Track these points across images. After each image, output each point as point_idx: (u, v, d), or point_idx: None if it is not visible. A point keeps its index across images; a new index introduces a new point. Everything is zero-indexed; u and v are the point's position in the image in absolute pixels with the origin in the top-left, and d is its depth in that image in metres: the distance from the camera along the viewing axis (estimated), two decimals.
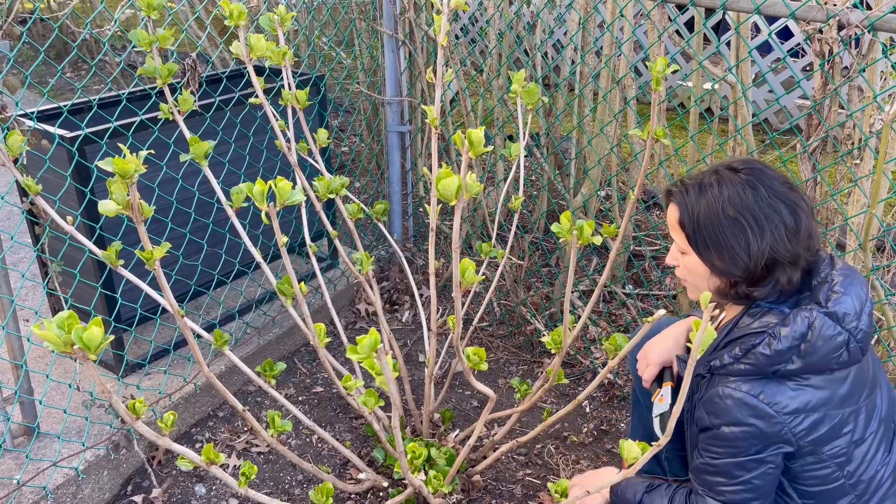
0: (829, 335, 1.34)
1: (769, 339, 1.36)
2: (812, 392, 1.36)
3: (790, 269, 1.38)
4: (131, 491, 2.14)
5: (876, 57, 1.96)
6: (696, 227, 1.41)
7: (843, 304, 1.36)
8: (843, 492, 1.41)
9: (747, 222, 1.37)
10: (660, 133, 1.67)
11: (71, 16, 4.90)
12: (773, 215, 1.37)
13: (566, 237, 1.59)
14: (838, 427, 1.38)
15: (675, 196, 1.46)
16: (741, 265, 1.38)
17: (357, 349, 1.24)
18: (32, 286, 2.77)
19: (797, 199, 1.40)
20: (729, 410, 1.38)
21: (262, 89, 1.85)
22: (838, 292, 1.37)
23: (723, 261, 1.39)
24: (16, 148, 1.52)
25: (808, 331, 1.34)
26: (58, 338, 1.13)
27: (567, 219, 1.58)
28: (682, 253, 1.47)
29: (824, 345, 1.33)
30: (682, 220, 1.44)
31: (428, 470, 2.05)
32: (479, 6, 4.57)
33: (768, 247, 1.36)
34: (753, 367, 1.37)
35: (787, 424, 1.35)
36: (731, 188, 1.39)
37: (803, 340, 1.34)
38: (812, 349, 1.33)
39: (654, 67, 1.60)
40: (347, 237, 3.31)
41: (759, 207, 1.37)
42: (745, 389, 1.37)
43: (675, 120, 2.89)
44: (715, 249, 1.40)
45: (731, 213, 1.38)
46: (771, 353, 1.35)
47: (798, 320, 1.35)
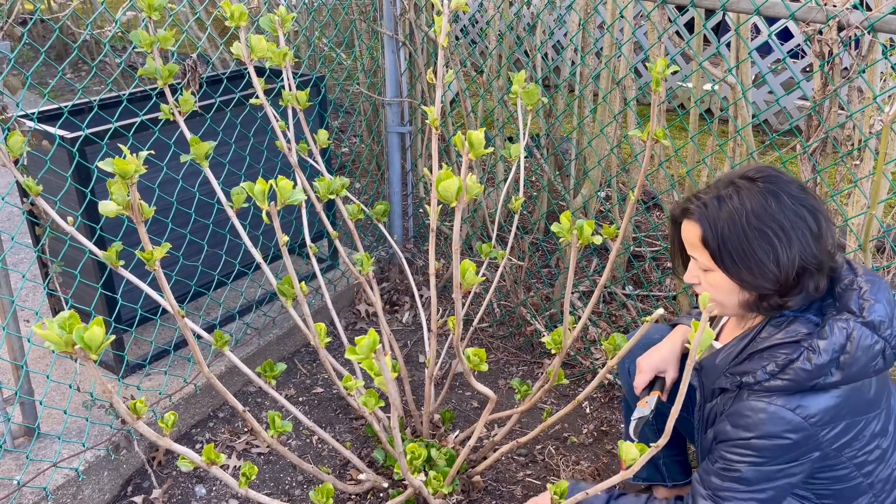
0: (868, 345, 1.30)
1: (808, 353, 1.31)
2: (843, 400, 1.33)
3: (818, 276, 1.34)
4: (131, 491, 2.14)
5: (876, 58, 1.96)
6: (722, 244, 1.35)
7: (877, 311, 1.32)
8: (860, 491, 1.40)
9: (774, 233, 1.32)
10: (659, 134, 1.67)
11: (71, 17, 4.91)
12: (798, 222, 1.33)
13: (566, 237, 1.59)
14: (862, 430, 1.36)
15: (695, 212, 1.39)
16: (772, 277, 1.33)
17: (356, 350, 1.24)
18: (33, 287, 2.77)
19: (816, 203, 1.37)
20: (762, 424, 1.33)
21: (262, 90, 1.86)
22: (870, 300, 1.33)
23: (752, 275, 1.34)
24: (16, 149, 1.52)
25: (846, 342, 1.30)
26: (59, 338, 1.14)
27: (567, 219, 1.58)
28: (705, 270, 1.40)
29: (863, 355, 1.30)
30: (706, 237, 1.37)
31: (428, 471, 2.05)
32: (480, 7, 4.57)
33: (797, 255, 1.32)
34: (792, 383, 1.31)
35: (819, 434, 1.32)
36: (752, 199, 1.34)
37: (843, 352, 1.30)
38: (852, 360, 1.30)
39: (654, 68, 1.60)
40: (348, 238, 3.31)
41: (784, 216, 1.33)
42: (780, 403, 1.32)
43: (675, 121, 2.89)
44: (743, 264, 1.34)
45: (756, 225, 1.33)
46: (812, 368, 1.30)
47: (836, 331, 1.31)
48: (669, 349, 1.72)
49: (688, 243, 1.43)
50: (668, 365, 1.71)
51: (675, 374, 1.71)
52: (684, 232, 1.43)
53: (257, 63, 2.68)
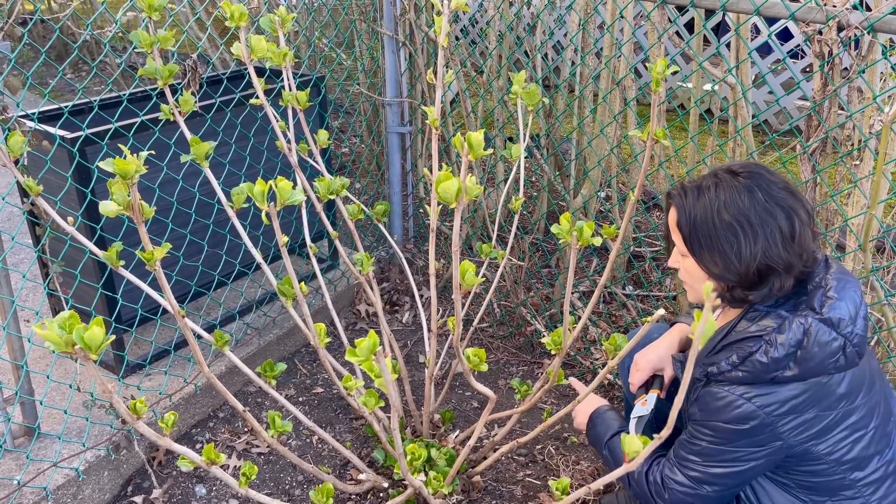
0: (825, 341, 1.33)
1: (766, 346, 1.36)
2: (805, 393, 1.36)
3: (784, 276, 1.37)
4: (132, 491, 2.14)
5: (875, 58, 1.96)
6: (692, 231, 1.42)
7: (837, 309, 1.36)
8: (843, 485, 1.42)
9: (741, 227, 1.36)
10: (659, 134, 1.67)
11: (72, 17, 4.91)
12: (768, 220, 1.36)
13: (566, 238, 1.59)
14: (833, 426, 1.38)
15: (674, 199, 1.47)
16: (734, 270, 1.38)
17: (356, 352, 1.24)
18: (33, 287, 2.77)
19: (796, 205, 1.39)
20: (722, 410, 1.40)
21: (262, 90, 1.86)
22: (832, 297, 1.37)
23: (716, 265, 1.40)
24: (17, 149, 1.52)
25: (803, 337, 1.34)
26: (59, 338, 1.14)
27: (567, 220, 1.58)
28: (683, 256, 1.47)
29: (820, 351, 1.33)
30: (680, 222, 1.44)
31: (428, 471, 2.05)
32: (480, 7, 4.57)
33: (761, 252, 1.36)
34: (750, 375, 1.37)
35: (777, 424, 1.36)
36: (727, 192, 1.39)
37: (799, 347, 1.34)
38: (808, 355, 1.34)
39: (654, 69, 1.60)
40: (348, 238, 3.31)
41: (754, 212, 1.37)
42: (739, 392, 1.38)
43: (675, 121, 2.89)
44: (709, 253, 1.40)
45: (725, 218, 1.38)
46: (768, 361, 1.35)
47: (794, 327, 1.35)
48: (667, 347, 1.73)
49: (670, 227, 1.50)
50: (666, 363, 1.72)
51: (673, 371, 1.71)
52: (669, 217, 1.50)
53: (257, 63, 2.68)
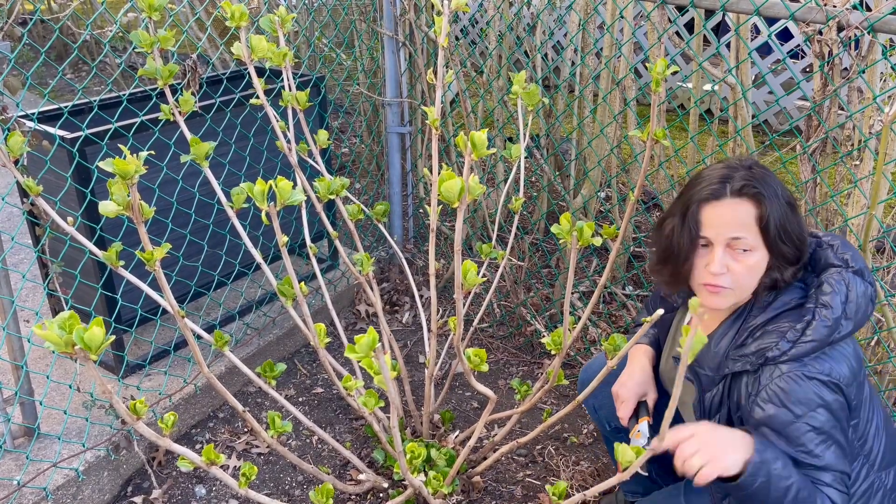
0: (863, 290, 1.38)
1: (821, 310, 1.35)
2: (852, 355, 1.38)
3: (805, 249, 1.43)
4: (131, 492, 2.14)
5: (876, 58, 1.96)
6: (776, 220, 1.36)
7: (858, 260, 1.40)
8: (854, 454, 1.43)
9: (796, 208, 1.41)
10: (659, 134, 1.67)
11: (71, 17, 4.91)
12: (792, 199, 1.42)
13: (566, 238, 1.59)
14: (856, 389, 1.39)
15: (745, 190, 1.37)
16: (799, 251, 1.40)
17: (355, 348, 1.24)
18: (33, 287, 2.77)
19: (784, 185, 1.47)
20: (811, 396, 1.32)
21: (262, 90, 1.86)
22: (847, 252, 1.41)
23: (794, 247, 1.39)
24: (16, 149, 1.52)
25: (847, 290, 1.37)
26: (59, 338, 1.14)
27: (567, 220, 1.58)
28: (746, 251, 1.37)
29: (863, 300, 1.37)
30: (763, 215, 1.35)
31: (428, 471, 2.05)
32: (480, 8, 4.57)
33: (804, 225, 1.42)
34: (817, 342, 1.33)
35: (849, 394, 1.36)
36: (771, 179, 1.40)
37: (847, 301, 1.36)
38: (856, 307, 1.36)
39: (654, 69, 1.60)
40: (348, 238, 3.31)
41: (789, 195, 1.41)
42: (815, 370, 1.33)
43: (675, 121, 2.89)
44: (787, 238, 1.38)
45: (789, 200, 1.40)
46: (831, 324, 1.34)
47: (836, 285, 1.37)
48: (641, 371, 1.69)
49: (733, 223, 1.37)
50: (648, 387, 1.69)
51: (655, 393, 1.70)
52: (726, 213, 1.38)
53: (257, 63, 2.68)
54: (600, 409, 1.89)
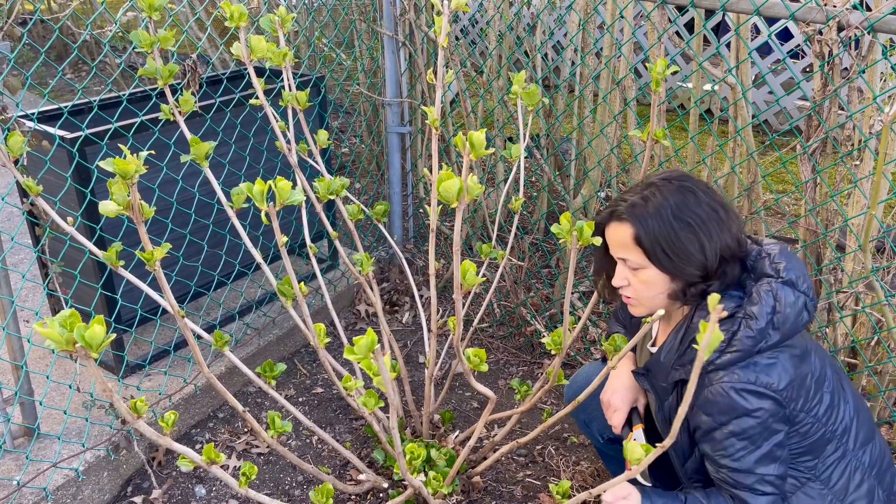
0: (792, 301, 1.40)
1: (746, 321, 1.40)
2: (786, 361, 1.41)
3: (733, 263, 1.45)
4: (131, 492, 2.14)
5: (876, 58, 1.96)
6: (654, 238, 1.43)
7: (791, 269, 1.43)
8: (826, 439, 1.47)
9: (696, 223, 1.42)
10: (659, 134, 1.67)
11: (71, 17, 4.91)
12: (712, 215, 1.44)
13: (566, 238, 1.59)
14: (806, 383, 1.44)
15: (624, 212, 1.47)
16: (698, 264, 1.43)
17: (354, 350, 1.24)
18: (33, 287, 2.77)
19: (721, 199, 1.49)
20: (735, 405, 1.39)
21: (262, 90, 1.86)
22: (782, 262, 1.44)
23: (683, 263, 1.43)
24: (16, 149, 1.52)
25: (775, 302, 1.40)
26: (60, 336, 1.13)
27: (567, 220, 1.58)
28: (636, 269, 1.48)
29: (791, 311, 1.40)
30: (638, 234, 1.45)
31: (428, 471, 2.05)
32: (480, 8, 4.57)
33: (717, 244, 1.43)
34: (741, 353, 1.39)
35: (784, 399, 1.40)
36: (672, 196, 1.45)
37: (774, 312, 1.39)
38: (784, 318, 1.39)
39: (654, 69, 1.60)
40: (348, 238, 3.31)
41: (701, 209, 1.43)
42: (740, 380, 1.39)
43: (675, 121, 2.89)
44: (674, 255, 1.43)
45: (681, 217, 1.43)
46: (754, 334, 1.38)
47: (763, 295, 1.41)
48: (627, 377, 1.71)
49: (618, 244, 1.50)
50: (638, 392, 1.71)
51: (645, 398, 1.72)
52: (613, 234, 1.51)
53: (257, 63, 2.68)
54: (591, 422, 1.91)
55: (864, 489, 1.50)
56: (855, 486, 1.49)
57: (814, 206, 2.08)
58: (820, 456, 1.48)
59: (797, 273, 1.43)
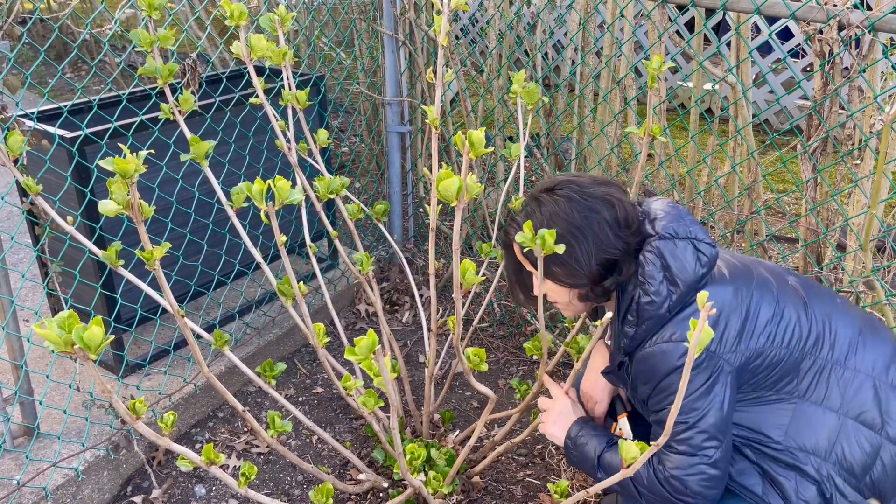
0: (676, 250, 1.40)
1: (641, 289, 1.40)
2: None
3: (625, 259, 1.44)
4: (131, 491, 2.14)
5: (876, 57, 1.96)
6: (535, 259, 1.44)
7: (663, 220, 1.43)
8: (799, 357, 1.44)
9: (569, 233, 1.42)
10: (656, 130, 1.66)
11: (71, 16, 4.90)
12: (592, 217, 1.42)
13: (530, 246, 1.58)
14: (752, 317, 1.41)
15: (512, 233, 1.49)
16: (580, 274, 1.44)
17: (355, 350, 1.24)
18: (32, 286, 2.77)
19: (611, 190, 1.46)
20: (657, 365, 1.40)
21: (262, 89, 1.85)
22: (657, 216, 1.45)
23: (565, 275, 1.45)
24: (16, 148, 1.52)
25: (661, 259, 1.40)
26: (58, 337, 1.13)
27: (529, 229, 1.58)
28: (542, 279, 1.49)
29: (681, 260, 1.39)
30: (526, 256, 1.48)
31: (428, 471, 2.05)
32: (480, 7, 4.57)
33: (595, 249, 1.42)
34: (651, 321, 1.40)
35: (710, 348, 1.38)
36: (548, 207, 1.45)
37: (666, 269, 1.39)
38: (678, 270, 1.38)
39: (650, 65, 1.60)
40: (347, 237, 3.31)
41: (578, 215, 1.42)
42: (660, 340, 1.39)
43: (675, 120, 2.89)
44: (557, 269, 1.45)
45: (561, 230, 1.42)
46: (652, 297, 1.39)
47: (649, 258, 1.41)
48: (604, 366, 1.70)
49: (521, 262, 1.53)
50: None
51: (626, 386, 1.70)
52: (517, 251, 1.53)
53: (257, 62, 2.68)
54: None
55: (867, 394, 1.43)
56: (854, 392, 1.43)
57: (814, 205, 2.08)
58: (798, 376, 1.44)
59: (673, 221, 1.43)
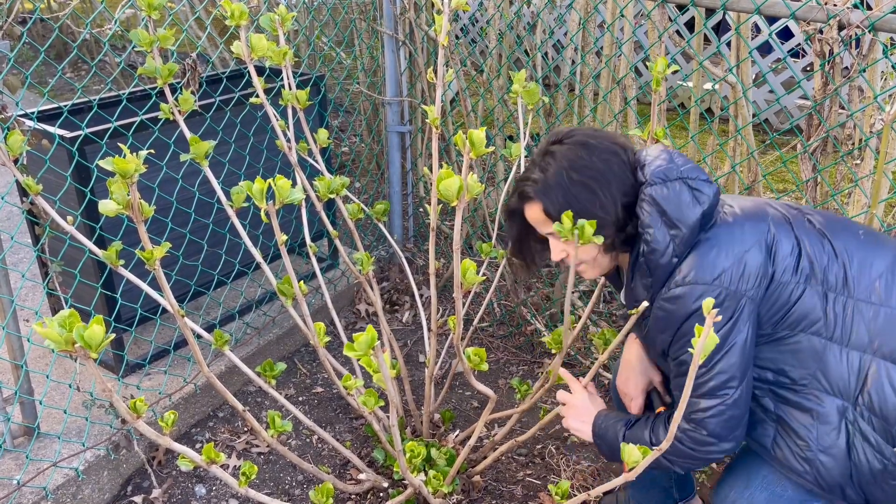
0: (669, 194, 1.36)
1: (643, 240, 1.38)
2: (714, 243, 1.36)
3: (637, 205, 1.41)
4: (131, 491, 2.14)
5: (876, 57, 1.96)
6: (559, 208, 1.40)
7: (651, 167, 1.40)
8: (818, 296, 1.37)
9: (592, 178, 1.40)
10: (659, 133, 1.66)
11: (71, 16, 4.90)
12: (612, 160, 1.41)
13: (567, 237, 1.58)
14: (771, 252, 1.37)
15: (530, 191, 1.45)
16: (608, 221, 1.40)
17: (354, 347, 1.23)
18: (32, 286, 2.77)
19: (613, 135, 1.47)
20: (674, 312, 1.37)
21: (262, 89, 1.85)
22: (644, 163, 1.42)
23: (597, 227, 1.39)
24: (16, 148, 1.52)
25: (655, 205, 1.37)
26: (59, 336, 1.13)
27: (568, 218, 1.58)
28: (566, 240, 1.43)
29: (675, 202, 1.36)
30: (548, 211, 1.43)
31: (428, 470, 2.05)
32: (480, 6, 4.57)
33: (617, 193, 1.40)
34: (659, 269, 1.37)
35: (726, 282, 1.33)
36: (564, 156, 1.42)
37: (663, 215, 1.36)
38: (675, 213, 1.35)
39: (655, 68, 1.60)
40: (348, 237, 3.31)
41: (598, 159, 1.41)
42: (674, 285, 1.36)
43: (675, 120, 2.89)
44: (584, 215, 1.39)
45: (576, 179, 1.40)
46: (655, 247, 1.36)
47: (644, 208, 1.38)
48: (639, 359, 1.67)
49: (538, 224, 1.48)
50: (650, 373, 1.66)
51: (659, 375, 1.66)
52: (530, 215, 1.49)
53: (257, 62, 2.68)
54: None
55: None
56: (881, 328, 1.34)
57: (814, 204, 2.08)
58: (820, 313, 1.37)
59: (660, 163, 1.40)
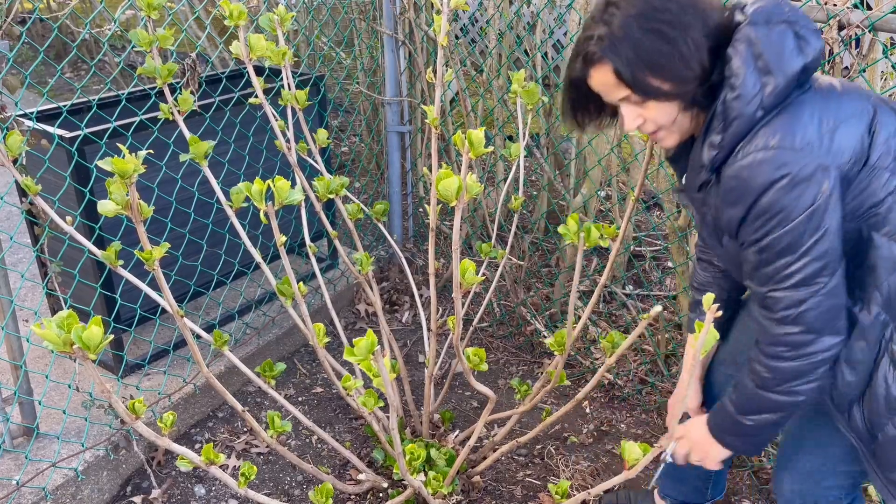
0: (770, 35, 1.18)
1: (727, 85, 1.19)
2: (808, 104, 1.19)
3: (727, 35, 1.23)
4: (131, 492, 2.13)
5: (876, 57, 1.96)
6: (635, 69, 1.22)
7: (755, 4, 1.22)
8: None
9: (668, 25, 1.20)
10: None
11: (70, 16, 4.90)
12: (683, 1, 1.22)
13: (573, 240, 1.58)
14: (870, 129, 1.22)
15: (597, 52, 1.24)
16: (692, 74, 1.21)
17: (354, 351, 1.23)
18: (32, 286, 2.77)
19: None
20: (750, 181, 1.18)
21: (261, 89, 1.85)
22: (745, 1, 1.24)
23: (675, 82, 1.22)
24: (15, 148, 1.52)
25: (752, 47, 1.18)
26: (58, 337, 1.13)
27: (574, 221, 1.57)
28: (638, 105, 1.27)
29: (777, 47, 1.17)
30: (621, 72, 1.23)
31: (428, 471, 2.05)
32: (479, 6, 4.57)
33: (699, 34, 1.20)
34: (740, 120, 1.19)
35: (817, 151, 1.16)
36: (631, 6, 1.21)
37: (758, 59, 1.18)
38: (773, 59, 1.17)
39: None
40: (347, 237, 3.31)
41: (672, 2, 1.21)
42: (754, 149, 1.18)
43: None
44: (664, 79, 1.22)
45: (648, 28, 1.20)
46: (739, 92, 1.18)
47: (738, 48, 1.19)
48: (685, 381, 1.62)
49: (608, 89, 1.28)
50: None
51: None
52: (598, 82, 1.29)
53: (256, 62, 2.68)
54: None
55: None
56: None
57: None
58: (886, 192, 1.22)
59: (766, 5, 1.20)
